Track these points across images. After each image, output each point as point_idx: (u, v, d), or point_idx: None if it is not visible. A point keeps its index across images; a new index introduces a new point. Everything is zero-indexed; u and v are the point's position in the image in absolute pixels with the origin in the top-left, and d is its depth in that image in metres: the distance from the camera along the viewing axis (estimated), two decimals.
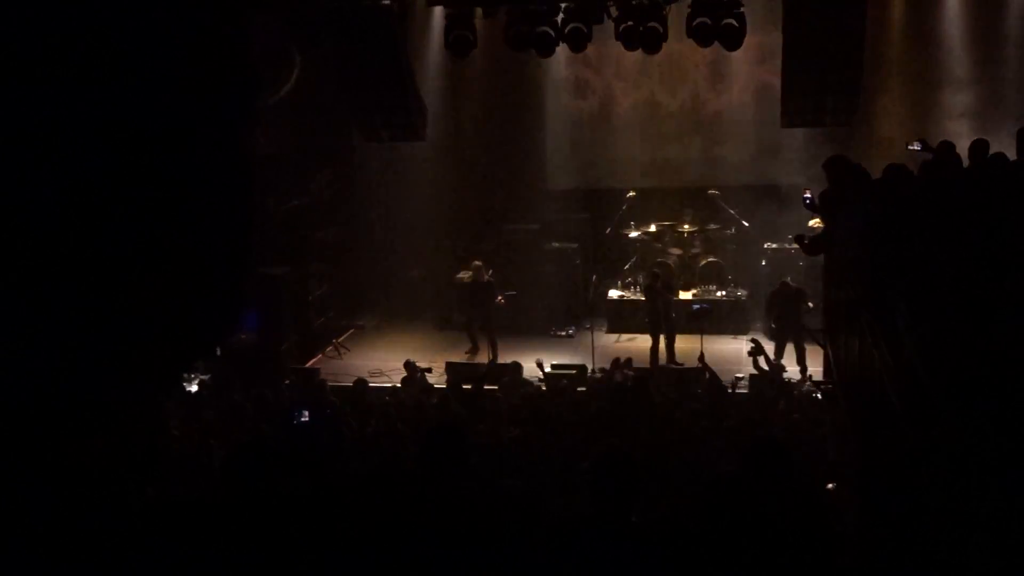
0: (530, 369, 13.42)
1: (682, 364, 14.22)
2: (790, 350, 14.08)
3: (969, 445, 4.06)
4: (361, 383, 12.40)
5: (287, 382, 13.68)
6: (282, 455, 8.71)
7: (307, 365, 15.31)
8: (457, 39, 13.96)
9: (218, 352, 14.91)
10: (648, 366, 14.07)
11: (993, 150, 9.62)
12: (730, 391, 11.97)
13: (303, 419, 10.90)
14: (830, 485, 7.65)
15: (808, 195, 11.46)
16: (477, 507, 4.07)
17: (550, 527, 3.70)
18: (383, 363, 14.99)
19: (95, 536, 3.39)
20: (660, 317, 14.80)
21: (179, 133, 3.34)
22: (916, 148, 11.19)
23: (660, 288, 14.98)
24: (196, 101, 3.41)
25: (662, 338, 14.74)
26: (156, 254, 3.37)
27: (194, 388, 13.28)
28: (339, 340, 16.49)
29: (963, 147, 10.11)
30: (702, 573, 3.35)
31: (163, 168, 3.28)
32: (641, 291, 15.88)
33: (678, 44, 14.90)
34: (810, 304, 13.93)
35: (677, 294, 16.22)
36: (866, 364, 7.52)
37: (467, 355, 15.42)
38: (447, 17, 14.22)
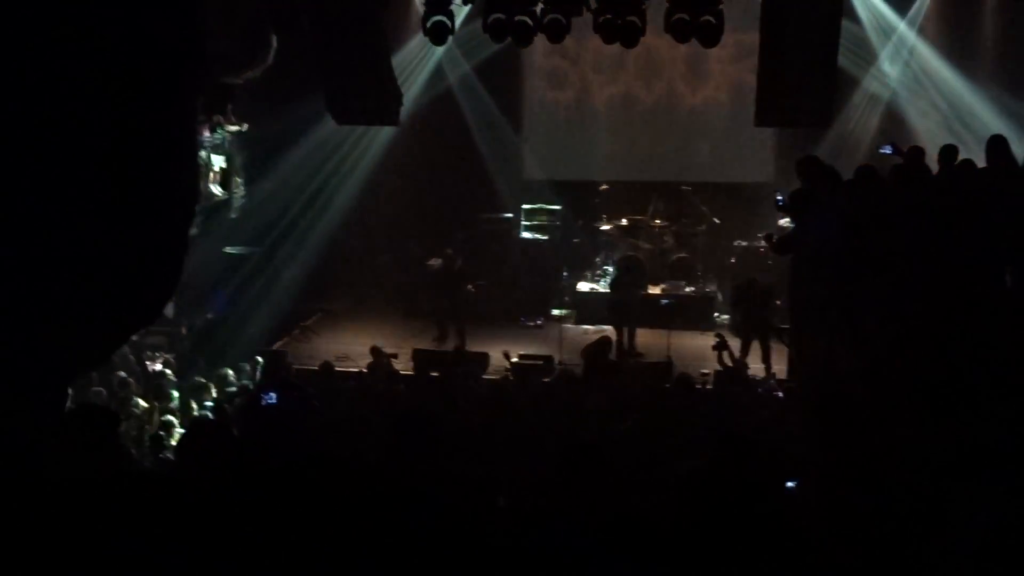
0: (498, 359, 13.41)
1: (642, 356, 14.29)
2: (756, 347, 14.16)
3: (935, 444, 4.11)
4: (327, 367, 12.35)
5: (253, 364, 13.58)
6: (243, 434, 8.68)
7: (274, 347, 15.22)
8: (435, 25, 13.89)
9: (184, 331, 14.84)
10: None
11: (964, 154, 9.75)
12: (698, 387, 12.02)
13: (270, 400, 10.85)
14: (792, 483, 7.70)
15: (780, 196, 11.55)
16: (444, 495, 4.07)
17: (515, 519, 3.70)
18: (350, 348, 14.93)
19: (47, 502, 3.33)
20: (627, 309, 14.86)
21: (110, 114, 3.25)
22: (887, 151, 11.32)
23: (627, 281, 15.04)
24: (129, 80, 3.32)
25: (624, 332, 14.81)
26: (86, 237, 3.28)
27: (158, 367, 13.18)
28: (306, 323, 16.40)
29: (933, 151, 10.22)
30: (667, 567, 3.37)
31: (91, 152, 3.19)
32: (609, 283, 15.93)
33: (656, 39, 14.92)
34: (777, 302, 14.02)
35: (647, 288, 16.29)
36: (832, 363, 7.60)
37: (435, 342, 15.40)
38: (425, 3, 14.14)
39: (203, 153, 14.68)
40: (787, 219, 13.56)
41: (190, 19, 3.67)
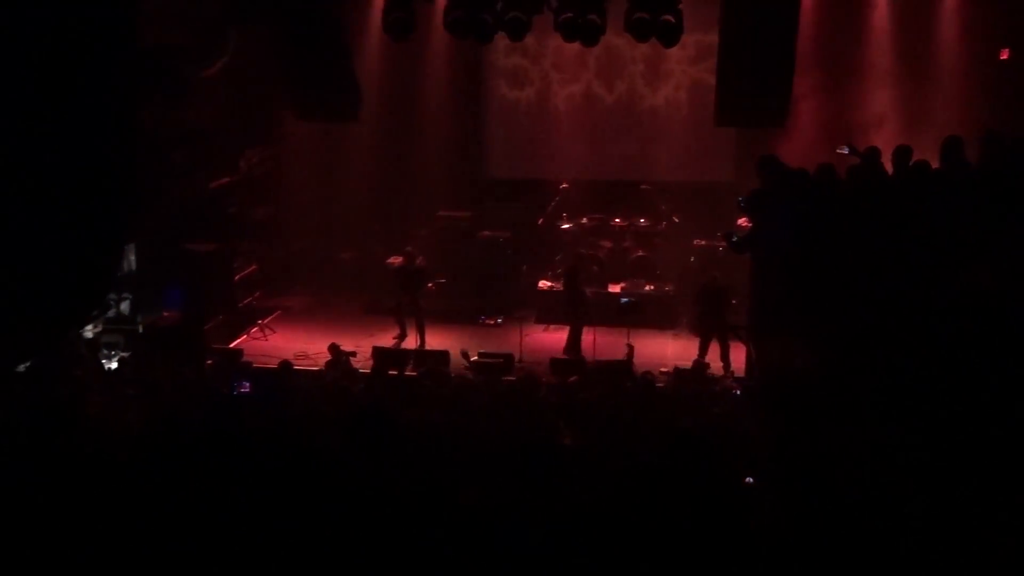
0: (458, 357, 13.39)
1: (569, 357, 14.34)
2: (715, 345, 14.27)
3: (887, 442, 4.16)
4: (285, 365, 12.27)
5: (209, 362, 13.45)
6: (209, 429, 8.60)
7: (231, 346, 15.09)
8: (395, 21, 13.83)
9: (140, 329, 14.68)
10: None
11: (919, 155, 9.86)
12: (658, 385, 12.09)
13: (243, 390, 10.80)
14: (749, 479, 7.77)
15: (742, 199, 11.64)
16: (400, 491, 4.05)
17: (469, 513, 3.69)
18: (309, 346, 14.84)
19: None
20: (577, 305, 14.91)
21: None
22: (844, 152, 11.43)
23: (579, 277, 15.10)
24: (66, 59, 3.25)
25: (569, 328, 14.83)
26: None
27: (113, 365, 13.02)
28: (264, 321, 16.28)
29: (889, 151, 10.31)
30: (619, 559, 3.37)
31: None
32: (562, 280, 15.95)
33: (616, 38, 14.97)
34: (733, 300, 14.14)
35: (606, 287, 16.34)
36: (788, 361, 7.66)
37: (395, 340, 15.34)
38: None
39: None
40: (746, 219, 13.68)
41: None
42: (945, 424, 4.67)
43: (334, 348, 13.32)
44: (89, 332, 14.23)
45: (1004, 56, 15.01)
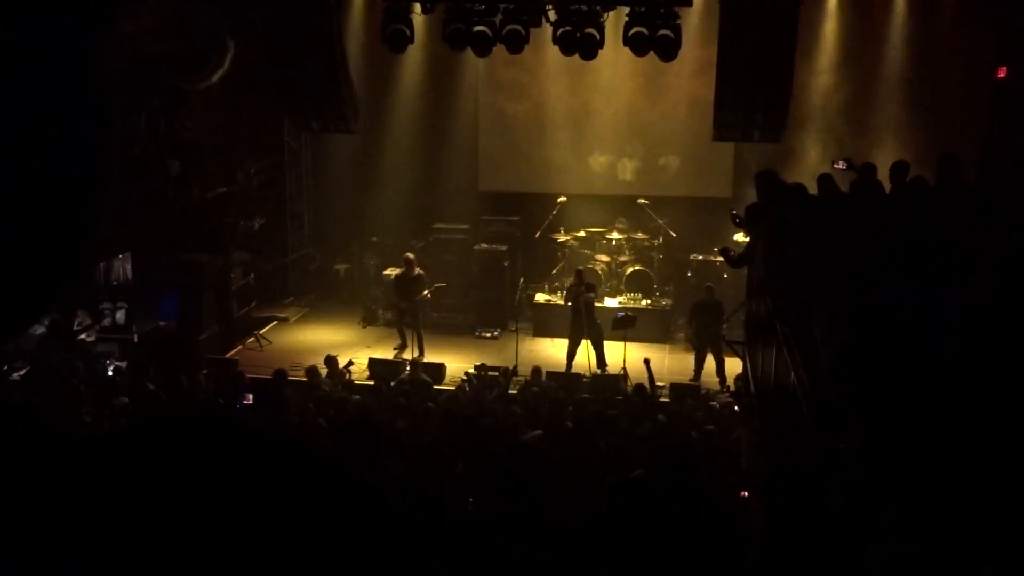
0: (453, 370, 13.37)
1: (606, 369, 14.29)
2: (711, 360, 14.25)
3: (872, 459, 4.13)
4: (280, 375, 12.23)
5: (204, 372, 13.42)
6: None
7: (227, 356, 15.06)
8: (394, 33, 13.88)
9: (135, 338, 14.66)
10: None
11: (916, 171, 9.87)
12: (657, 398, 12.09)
13: (246, 402, 10.75)
14: (744, 493, 7.74)
15: (735, 212, 11.64)
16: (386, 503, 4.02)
17: (454, 524, 3.67)
18: (304, 357, 14.81)
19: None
20: (581, 321, 14.79)
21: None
22: (842, 167, 11.45)
23: (582, 290, 15.00)
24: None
25: (588, 345, 14.69)
26: None
27: (109, 374, 13.00)
28: (260, 332, 16.26)
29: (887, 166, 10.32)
30: (602, 572, 3.35)
31: None
32: (564, 295, 15.88)
33: (614, 52, 14.98)
34: (728, 318, 14.11)
35: (602, 300, 16.31)
36: (781, 376, 7.63)
37: (396, 351, 15.30)
38: (385, 11, 14.13)
39: None
40: (742, 234, 13.67)
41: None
42: (940, 435, 4.65)
43: (331, 360, 13.30)
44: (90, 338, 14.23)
45: (1001, 75, 15.04)
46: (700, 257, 16.64)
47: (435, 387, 12.77)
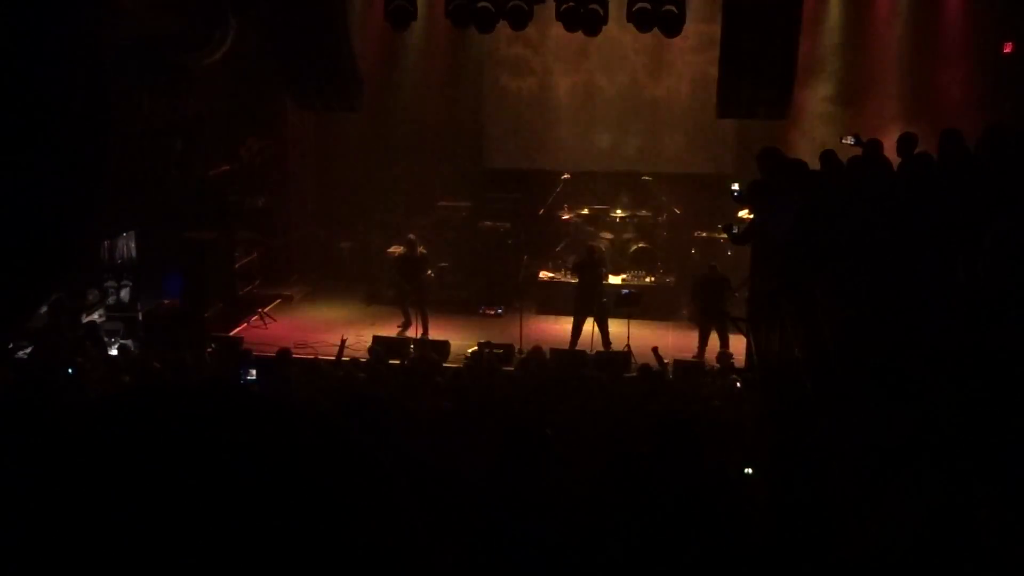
0: (458, 347, 13.37)
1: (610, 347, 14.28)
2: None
3: (875, 434, 4.15)
4: (284, 353, 12.25)
5: (209, 350, 13.45)
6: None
7: (231, 334, 15.09)
8: (397, 10, 13.84)
9: (140, 316, 14.70)
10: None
11: (923, 146, 9.83)
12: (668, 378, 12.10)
13: (250, 378, 10.77)
14: (749, 470, 7.76)
15: (736, 187, 11.60)
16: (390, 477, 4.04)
17: (454, 495, 3.69)
18: (309, 335, 14.84)
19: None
20: (589, 297, 14.76)
21: None
22: (850, 142, 11.37)
23: (591, 265, 14.96)
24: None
25: (592, 322, 14.65)
26: None
27: (113, 352, 13.04)
28: (265, 310, 16.28)
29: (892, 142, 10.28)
30: (604, 545, 3.37)
31: None
32: (570, 270, 15.85)
33: (618, 28, 14.92)
34: (736, 293, 14.09)
35: (607, 278, 16.29)
36: (785, 352, 7.65)
37: (399, 330, 15.31)
38: None
39: None
40: (746, 210, 13.65)
41: None
42: (943, 415, 4.66)
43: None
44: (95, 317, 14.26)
45: (1008, 50, 14.96)
46: (704, 234, 16.61)
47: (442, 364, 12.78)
